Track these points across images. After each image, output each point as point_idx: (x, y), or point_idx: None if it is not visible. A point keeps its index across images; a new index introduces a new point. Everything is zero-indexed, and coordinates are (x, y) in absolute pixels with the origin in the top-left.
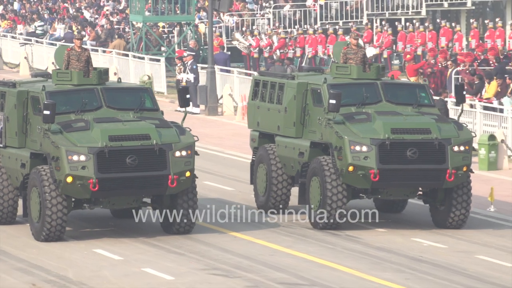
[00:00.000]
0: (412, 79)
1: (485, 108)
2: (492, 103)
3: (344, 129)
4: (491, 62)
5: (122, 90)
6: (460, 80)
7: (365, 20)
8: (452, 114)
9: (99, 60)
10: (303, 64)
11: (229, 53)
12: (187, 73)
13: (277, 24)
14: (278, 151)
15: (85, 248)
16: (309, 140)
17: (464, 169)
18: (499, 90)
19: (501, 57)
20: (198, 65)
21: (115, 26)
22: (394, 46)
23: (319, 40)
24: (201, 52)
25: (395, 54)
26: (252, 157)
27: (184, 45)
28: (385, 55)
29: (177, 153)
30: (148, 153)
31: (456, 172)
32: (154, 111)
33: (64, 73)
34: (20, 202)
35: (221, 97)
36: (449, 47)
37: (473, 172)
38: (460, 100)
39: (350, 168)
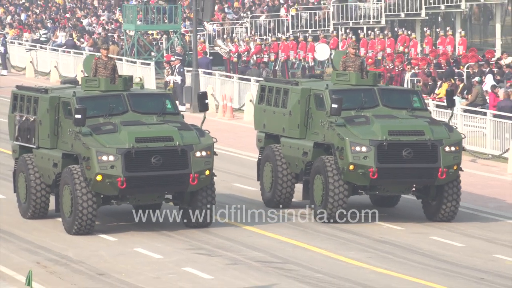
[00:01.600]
0: None
1: (438, 106)
2: (443, 101)
3: (345, 131)
4: (443, 65)
5: (145, 96)
6: (416, 82)
7: (331, 29)
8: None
9: None
10: (276, 68)
11: (211, 57)
12: (175, 75)
13: (253, 32)
14: (283, 150)
15: (88, 233)
16: (312, 141)
17: (455, 167)
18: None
19: (451, 61)
20: (184, 68)
21: (110, 34)
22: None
23: (290, 46)
24: (186, 56)
25: None
26: (259, 156)
27: (171, 51)
28: None
29: (198, 154)
30: (171, 154)
31: (447, 171)
32: (175, 115)
33: (93, 80)
34: (52, 198)
35: None
36: (405, 52)
37: (462, 171)
38: (450, 105)
39: (351, 167)
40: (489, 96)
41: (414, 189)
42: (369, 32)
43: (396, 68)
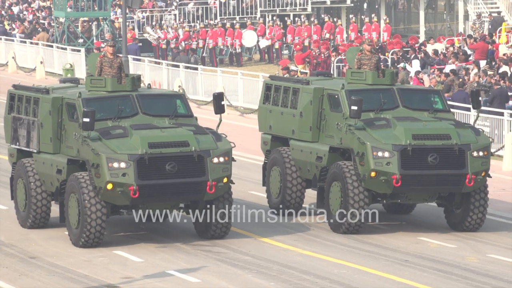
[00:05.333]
0: (300, 67)
1: None
2: None
3: (366, 135)
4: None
5: (156, 97)
6: (342, 68)
7: (258, 16)
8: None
9: (27, 50)
10: (204, 54)
11: (140, 44)
12: None
13: (182, 19)
14: (293, 154)
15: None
16: (327, 145)
17: (483, 174)
18: None
19: (377, 47)
20: None
21: (41, 21)
22: (284, 38)
23: (218, 33)
24: (116, 43)
25: (285, 45)
26: (265, 160)
27: (101, 37)
28: (276, 46)
29: (215, 160)
30: (187, 160)
31: (475, 177)
32: (188, 117)
33: (98, 80)
34: (54, 206)
35: None
36: (331, 39)
37: (490, 177)
38: (476, 106)
39: (373, 174)
40: (412, 81)
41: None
42: (296, 19)
43: (322, 54)
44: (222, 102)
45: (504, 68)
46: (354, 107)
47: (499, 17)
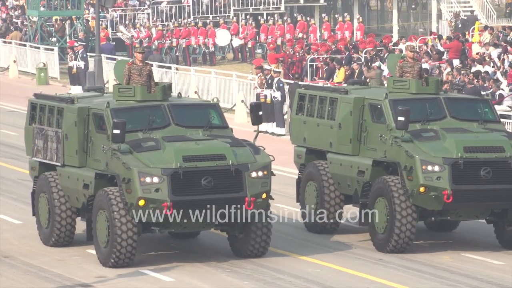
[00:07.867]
0: (273, 66)
1: None
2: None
3: (414, 148)
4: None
5: (189, 107)
6: (315, 66)
7: (232, 14)
8: None
9: (0, 49)
10: (177, 54)
11: (113, 43)
12: (78, 60)
13: (155, 18)
14: (331, 168)
15: None
16: (370, 158)
17: None
18: (347, 73)
19: (350, 46)
20: (87, 53)
21: (14, 20)
22: (257, 37)
23: (192, 32)
24: (89, 42)
25: (258, 44)
26: (299, 175)
27: (75, 36)
28: (249, 45)
29: (254, 174)
30: (224, 174)
31: None
32: (223, 129)
33: (127, 89)
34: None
35: (107, 81)
36: (304, 38)
37: None
38: None
39: (422, 189)
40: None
41: None
42: (269, 18)
43: (297, 54)
44: (260, 113)
45: (478, 67)
46: (401, 118)
47: (472, 15)
